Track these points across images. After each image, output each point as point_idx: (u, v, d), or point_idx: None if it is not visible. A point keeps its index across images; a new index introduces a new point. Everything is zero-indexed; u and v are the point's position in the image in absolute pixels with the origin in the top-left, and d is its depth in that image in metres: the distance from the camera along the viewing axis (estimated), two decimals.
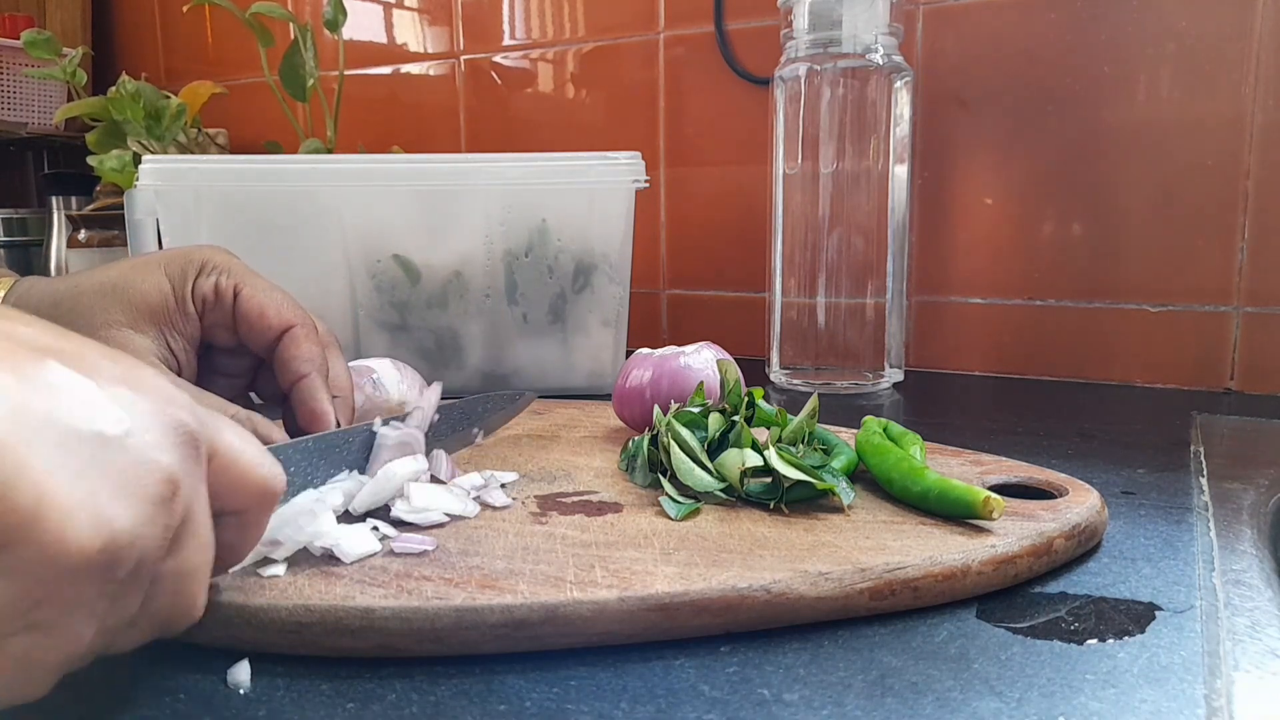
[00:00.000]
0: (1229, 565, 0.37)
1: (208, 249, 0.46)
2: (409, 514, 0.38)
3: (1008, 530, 0.36)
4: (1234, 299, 0.71)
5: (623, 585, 0.31)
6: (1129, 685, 0.28)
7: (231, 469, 0.28)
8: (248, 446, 0.28)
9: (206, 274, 0.45)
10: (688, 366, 0.51)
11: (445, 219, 0.67)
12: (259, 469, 0.28)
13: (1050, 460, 0.50)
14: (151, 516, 0.23)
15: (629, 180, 0.67)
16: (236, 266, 0.46)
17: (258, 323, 0.45)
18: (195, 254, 0.45)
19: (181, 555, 0.26)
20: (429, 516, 0.38)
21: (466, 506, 0.39)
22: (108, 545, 0.22)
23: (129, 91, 0.88)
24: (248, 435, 0.29)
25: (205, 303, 0.45)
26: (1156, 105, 0.72)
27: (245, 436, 0.29)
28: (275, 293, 0.46)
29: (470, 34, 1.02)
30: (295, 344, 0.45)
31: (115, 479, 0.23)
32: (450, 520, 0.38)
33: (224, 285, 0.45)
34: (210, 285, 0.45)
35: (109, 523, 0.22)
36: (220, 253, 0.46)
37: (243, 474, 0.28)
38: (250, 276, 0.46)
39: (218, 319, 0.45)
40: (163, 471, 0.24)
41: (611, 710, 0.27)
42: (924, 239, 0.81)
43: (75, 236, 0.97)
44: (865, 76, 0.70)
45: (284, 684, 0.28)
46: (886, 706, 0.27)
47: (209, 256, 0.45)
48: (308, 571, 0.32)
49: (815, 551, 0.34)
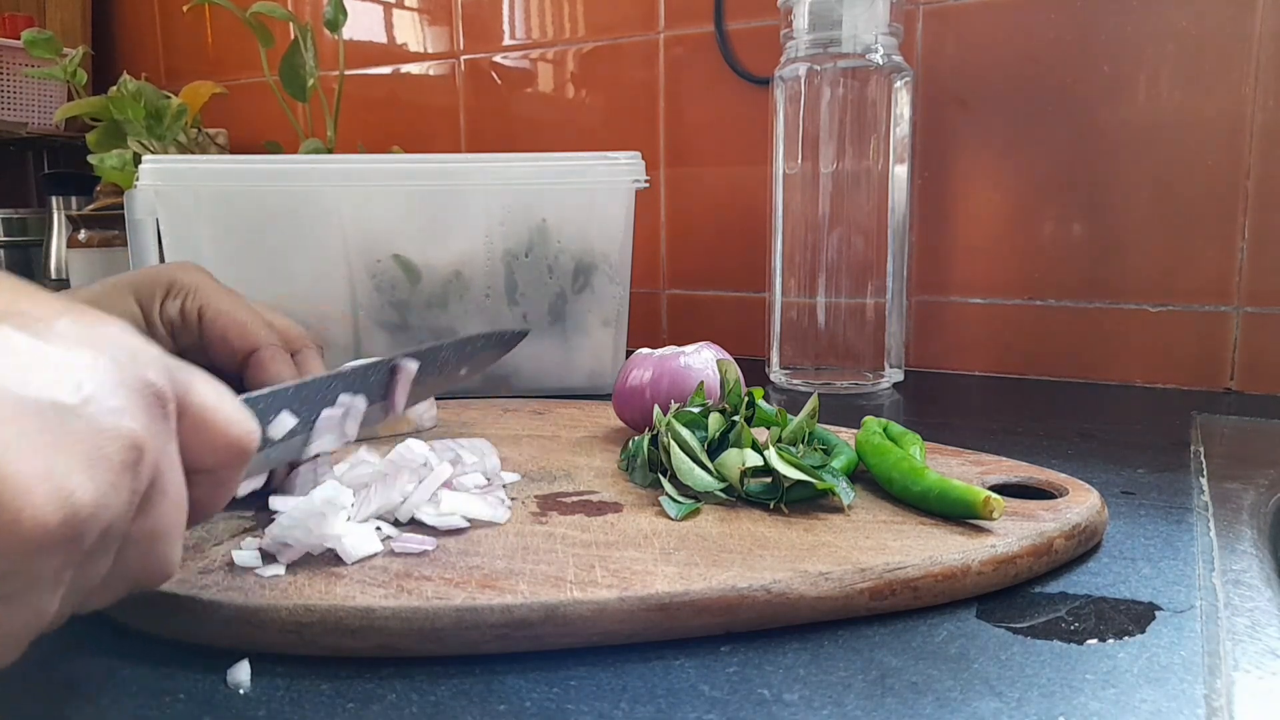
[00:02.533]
0: (1229, 565, 0.37)
1: (176, 267, 0.45)
2: (433, 517, 0.37)
3: (1008, 530, 0.36)
4: (1234, 299, 0.71)
5: (623, 585, 0.31)
6: (1129, 685, 0.28)
7: (204, 427, 0.27)
8: (222, 402, 0.28)
9: (174, 296, 0.44)
10: (688, 366, 0.51)
11: (445, 219, 0.67)
12: (232, 426, 0.27)
13: (1050, 460, 0.50)
14: (115, 484, 0.23)
15: (629, 180, 0.67)
16: (205, 285, 0.45)
17: (222, 347, 0.44)
18: (164, 274, 0.45)
19: (152, 515, 0.25)
20: (450, 521, 0.37)
21: (497, 512, 0.38)
22: (69, 518, 0.21)
23: (129, 91, 0.88)
24: (223, 390, 0.28)
25: (173, 325, 0.44)
26: (1156, 105, 0.72)
27: (220, 391, 0.28)
28: (241, 312, 0.44)
29: (470, 34, 1.02)
30: (261, 368, 0.44)
31: (75, 448, 0.22)
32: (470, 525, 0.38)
33: (189, 307, 0.44)
34: (176, 308, 0.44)
35: (70, 495, 0.21)
36: (190, 271, 0.45)
37: (215, 431, 0.27)
38: (217, 297, 0.45)
39: (188, 341, 0.44)
40: (126, 437, 0.23)
41: (611, 710, 0.27)
42: (924, 239, 0.81)
43: (75, 236, 0.97)
44: (865, 76, 0.70)
45: (284, 684, 0.28)
46: (886, 706, 0.27)
47: (176, 276, 0.44)
48: (308, 571, 0.33)
49: (815, 551, 0.34)
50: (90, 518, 0.22)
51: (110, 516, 0.23)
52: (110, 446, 0.23)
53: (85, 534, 0.22)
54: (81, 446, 0.22)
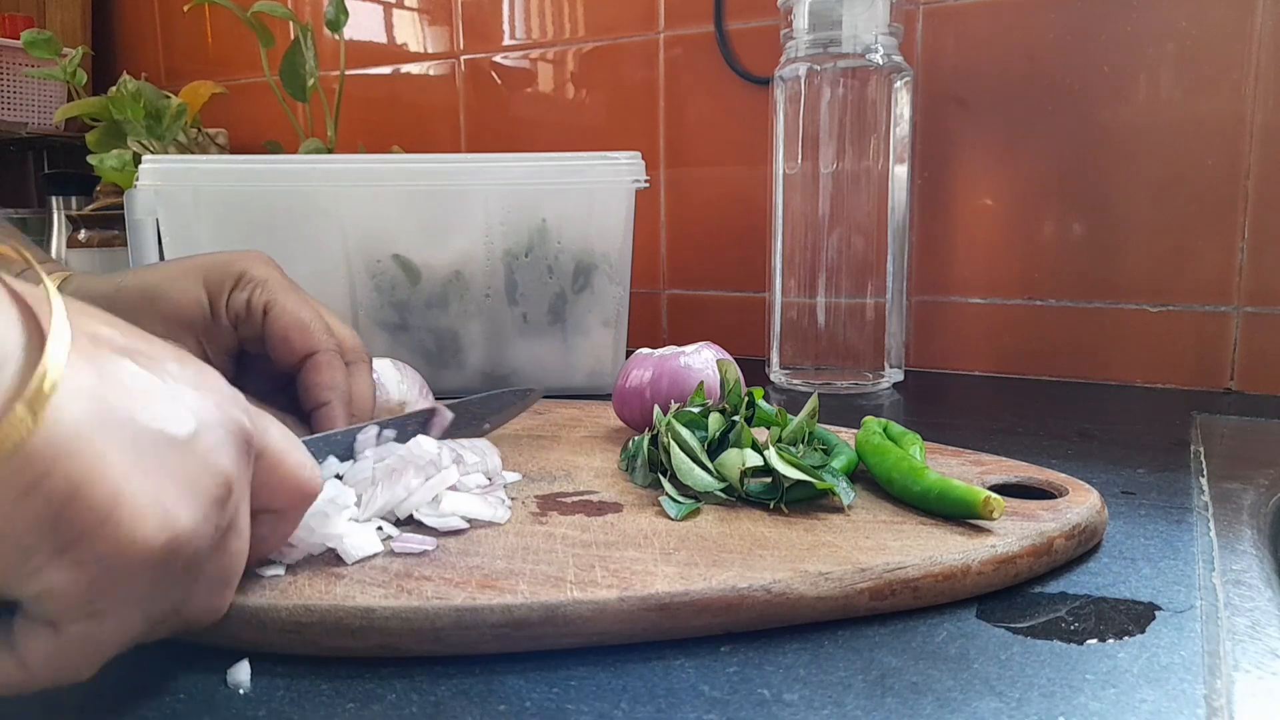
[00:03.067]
0: (1229, 565, 0.37)
1: (251, 257, 0.46)
2: (433, 518, 0.37)
3: (1008, 530, 0.36)
4: (1234, 299, 0.71)
5: (623, 585, 0.31)
6: (1129, 685, 0.28)
7: (277, 469, 0.28)
8: (292, 448, 0.29)
9: (242, 287, 0.45)
10: (688, 366, 0.51)
11: (445, 219, 0.67)
12: (301, 470, 0.29)
13: (1050, 460, 0.50)
14: (209, 516, 0.24)
15: (629, 180, 0.67)
16: (274, 280, 0.45)
17: (282, 345, 0.44)
18: (236, 263, 0.45)
19: (226, 554, 0.27)
20: (449, 522, 0.37)
21: (497, 512, 0.38)
22: (170, 542, 0.23)
23: (129, 91, 0.88)
24: (292, 436, 0.30)
25: (238, 316, 0.45)
26: (1156, 105, 0.72)
27: (290, 438, 0.29)
28: (304, 312, 0.45)
29: (470, 34, 1.02)
30: (317, 370, 0.44)
31: (180, 478, 0.24)
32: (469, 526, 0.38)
33: (256, 301, 0.45)
34: (243, 299, 0.44)
35: (174, 521, 0.23)
36: (261, 263, 0.46)
37: (286, 475, 0.29)
38: (284, 294, 0.45)
39: (249, 333, 0.45)
40: (222, 474, 0.25)
41: (611, 710, 0.27)
42: (924, 239, 0.81)
43: (75, 236, 0.97)
44: (865, 76, 0.70)
45: (284, 684, 0.28)
46: (886, 706, 0.27)
47: (248, 268, 0.45)
48: (308, 571, 0.32)
49: (815, 551, 0.34)
50: (186, 544, 0.24)
51: (199, 546, 0.24)
52: (209, 480, 0.25)
53: (179, 559, 0.24)
54: (186, 477, 0.24)
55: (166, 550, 0.23)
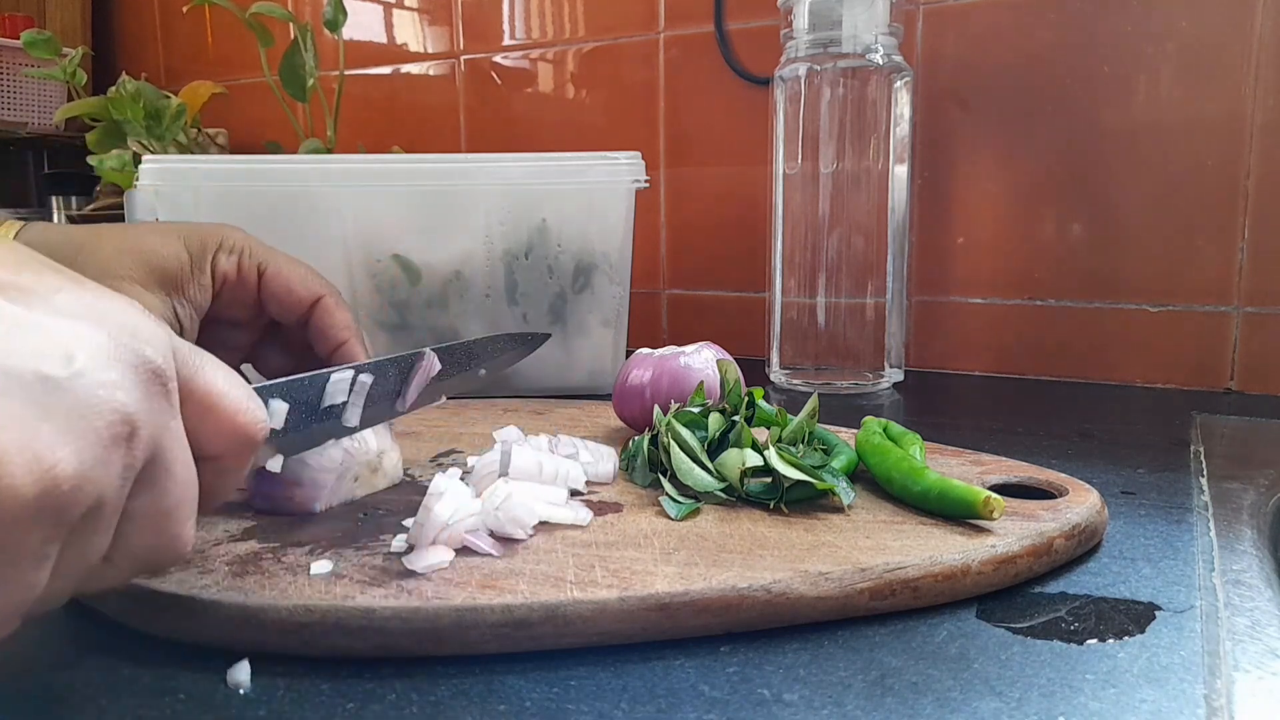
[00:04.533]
0: (1229, 565, 0.37)
1: (225, 227, 0.47)
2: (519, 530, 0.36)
3: (1008, 530, 0.36)
4: (1234, 299, 0.71)
5: (623, 585, 0.31)
6: (1129, 685, 0.28)
7: (211, 412, 0.27)
8: (231, 389, 0.28)
9: (227, 251, 0.45)
10: (688, 366, 0.51)
11: (445, 219, 0.67)
12: (240, 414, 0.28)
13: (1050, 460, 0.50)
14: (104, 457, 0.22)
15: (629, 180, 0.67)
16: (255, 245, 0.47)
17: (286, 298, 0.46)
18: (214, 231, 0.46)
19: (155, 493, 0.25)
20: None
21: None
22: (48, 490, 0.21)
23: (129, 91, 0.88)
24: (234, 377, 0.28)
25: (225, 280, 0.45)
26: (1156, 105, 0.72)
27: (231, 378, 0.28)
28: (299, 267, 0.47)
29: (470, 34, 1.02)
30: (328, 313, 0.46)
31: (60, 420, 0.22)
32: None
33: (246, 265, 0.46)
34: (233, 264, 0.45)
35: (51, 467, 0.21)
36: (237, 231, 0.47)
37: (222, 417, 0.27)
38: (271, 254, 0.47)
39: (237, 296, 0.46)
40: (117, 411, 0.23)
41: (611, 710, 0.27)
42: (924, 239, 0.81)
43: None
44: (865, 76, 0.70)
45: (284, 684, 0.28)
46: (886, 706, 0.27)
47: (227, 234, 0.46)
48: (308, 571, 0.32)
49: (815, 551, 0.34)
50: (73, 490, 0.22)
51: (98, 491, 0.22)
52: (99, 419, 0.22)
53: (68, 507, 0.22)
54: (68, 419, 0.22)
55: (45, 497, 0.21)
